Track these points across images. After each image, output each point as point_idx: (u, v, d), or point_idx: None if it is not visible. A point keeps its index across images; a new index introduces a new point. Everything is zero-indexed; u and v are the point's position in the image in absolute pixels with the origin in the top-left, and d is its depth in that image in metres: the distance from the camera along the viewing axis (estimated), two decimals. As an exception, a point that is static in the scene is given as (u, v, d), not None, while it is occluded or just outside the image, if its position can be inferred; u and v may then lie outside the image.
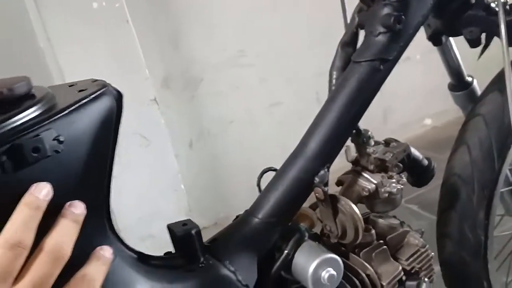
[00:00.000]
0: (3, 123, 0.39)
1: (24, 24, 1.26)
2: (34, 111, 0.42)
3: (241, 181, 1.66)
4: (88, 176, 0.45)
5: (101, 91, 0.46)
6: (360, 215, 0.63)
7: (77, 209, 0.42)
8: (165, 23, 1.52)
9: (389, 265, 0.69)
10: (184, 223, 0.58)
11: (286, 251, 0.63)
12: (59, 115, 0.42)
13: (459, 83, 0.86)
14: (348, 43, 0.68)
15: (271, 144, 1.73)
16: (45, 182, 0.40)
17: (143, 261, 0.55)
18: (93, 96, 0.45)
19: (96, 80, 0.50)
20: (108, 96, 0.47)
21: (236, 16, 1.59)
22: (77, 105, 0.44)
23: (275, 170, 0.67)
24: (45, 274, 0.38)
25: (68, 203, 0.42)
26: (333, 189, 0.66)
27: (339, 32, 1.70)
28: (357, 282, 0.66)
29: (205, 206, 1.69)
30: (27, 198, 0.39)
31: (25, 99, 0.44)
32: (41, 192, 0.39)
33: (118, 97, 0.49)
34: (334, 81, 0.68)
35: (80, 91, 0.47)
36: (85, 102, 0.44)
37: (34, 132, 0.40)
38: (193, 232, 0.56)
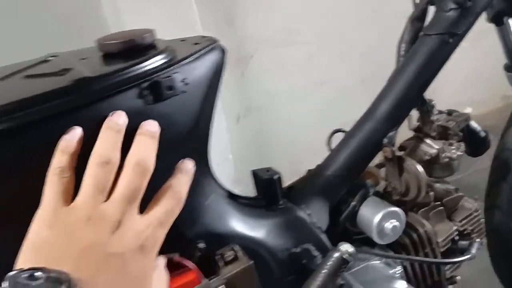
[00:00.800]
0: (143, 63, 0.47)
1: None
2: (164, 57, 0.49)
3: (285, 156, 1.73)
4: (202, 116, 0.53)
5: (213, 45, 0.54)
6: (423, 174, 0.69)
7: (152, 127, 0.45)
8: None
9: (444, 224, 0.75)
10: (267, 169, 0.65)
11: (353, 203, 0.70)
12: (185, 62, 0.50)
13: (516, 64, 0.90)
14: (418, 18, 0.73)
15: (315, 122, 1.79)
16: (121, 111, 0.44)
17: (232, 198, 0.63)
18: (208, 48, 0.53)
19: (205, 37, 0.57)
20: (218, 50, 0.54)
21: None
22: (197, 54, 0.51)
23: (344, 131, 0.73)
24: (134, 186, 0.41)
25: (143, 123, 0.45)
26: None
27: (388, 14, 1.72)
28: (414, 236, 0.72)
29: (249, 178, 1.77)
30: (109, 123, 0.43)
31: (151, 47, 0.51)
32: (120, 119, 0.43)
33: (224, 52, 0.56)
34: (402, 53, 0.74)
35: (194, 44, 0.54)
36: (203, 53, 0.52)
37: (168, 73, 0.47)
38: (275, 177, 0.64)
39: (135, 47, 0.50)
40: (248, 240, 0.61)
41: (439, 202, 0.75)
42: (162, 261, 0.47)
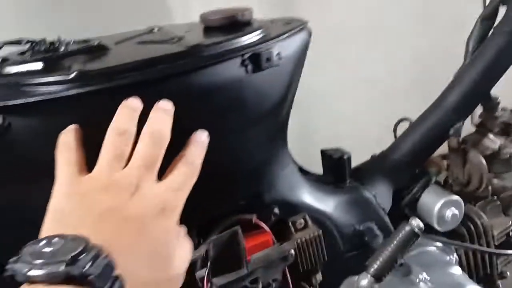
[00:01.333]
0: (246, 36, 0.52)
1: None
2: (261, 32, 0.54)
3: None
4: (289, 91, 0.57)
5: (303, 25, 0.58)
6: (486, 166, 0.71)
7: (167, 105, 0.45)
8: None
9: (500, 218, 0.77)
10: (336, 149, 0.70)
11: (415, 189, 0.73)
12: (280, 38, 0.54)
13: None
14: (488, 17, 0.76)
15: (361, 119, 1.81)
16: (136, 96, 0.44)
17: (304, 173, 0.67)
18: (299, 28, 0.57)
19: (293, 18, 0.62)
20: (306, 30, 0.59)
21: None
22: (291, 32, 0.56)
23: (410, 120, 0.77)
24: (150, 153, 0.42)
25: (158, 103, 0.45)
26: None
27: (441, 17, 1.71)
28: (472, 227, 0.75)
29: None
30: (125, 102, 0.44)
31: (248, 24, 0.57)
32: (135, 100, 0.44)
33: (310, 34, 0.60)
34: (470, 49, 0.77)
35: (285, 24, 0.59)
36: (295, 32, 0.56)
37: (266, 46, 0.52)
38: (345, 156, 0.68)
39: (235, 23, 0.55)
40: (317, 212, 0.65)
41: (495, 197, 0.78)
42: (184, 228, 0.46)
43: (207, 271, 0.56)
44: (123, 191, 0.39)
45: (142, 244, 0.38)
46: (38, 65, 0.48)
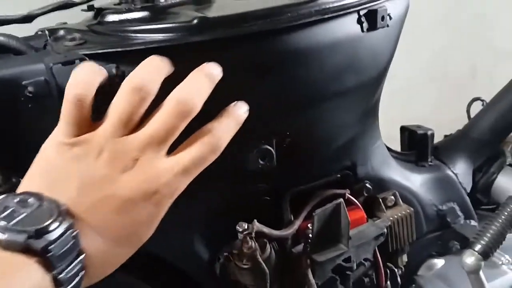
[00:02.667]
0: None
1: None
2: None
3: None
4: (392, 57, 0.54)
5: (405, -12, 0.55)
6: None
7: (215, 69, 0.37)
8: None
9: None
10: (418, 125, 0.67)
11: (491, 170, 0.70)
12: (391, -1, 0.51)
13: None
14: None
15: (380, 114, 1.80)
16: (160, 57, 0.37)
17: (388, 149, 0.64)
18: (404, -9, 0.54)
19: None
20: (406, -5, 0.56)
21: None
22: (398, -5, 0.53)
23: (483, 100, 0.74)
24: (168, 126, 0.35)
25: (205, 63, 0.37)
26: None
27: (461, 15, 1.72)
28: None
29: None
30: (153, 56, 0.36)
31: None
32: (164, 59, 0.37)
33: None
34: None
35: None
36: (401, -6, 0.53)
37: (381, 3, 0.49)
38: (429, 133, 0.65)
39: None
40: (405, 189, 0.62)
41: None
42: None
43: (306, 247, 0.52)
44: (117, 162, 0.34)
45: (120, 223, 0.34)
46: (145, 13, 0.44)
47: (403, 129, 0.67)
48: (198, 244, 0.51)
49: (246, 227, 0.48)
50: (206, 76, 0.36)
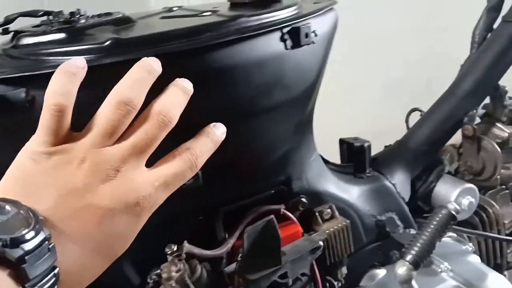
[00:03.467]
0: (285, 10, 0.49)
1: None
2: (296, 8, 0.51)
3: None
4: (321, 72, 0.55)
5: (333, 5, 0.56)
6: (501, 154, 0.71)
7: (188, 84, 0.39)
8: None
9: (509, 207, 0.78)
10: (355, 138, 0.68)
11: (430, 179, 0.72)
12: (315, 14, 0.52)
13: None
14: (494, 8, 0.77)
15: (344, 125, 1.82)
16: (155, 58, 0.38)
17: (326, 162, 0.65)
18: (330, 6, 0.55)
19: (320, -1, 0.59)
20: (335, 10, 0.57)
21: None
22: (324, 10, 0.53)
23: (420, 111, 0.76)
24: (148, 136, 0.36)
25: (178, 79, 0.39)
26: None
27: (426, 24, 1.76)
28: (484, 216, 0.75)
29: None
30: (142, 62, 0.37)
31: (278, 1, 0.53)
32: (155, 63, 0.37)
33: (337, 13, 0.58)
34: (477, 39, 0.77)
35: (314, 3, 0.57)
36: (327, 10, 0.54)
37: (305, 21, 0.50)
38: (366, 145, 0.66)
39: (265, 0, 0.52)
40: (341, 202, 0.62)
41: (504, 186, 0.78)
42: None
43: (238, 266, 0.52)
44: (98, 172, 0.34)
45: (99, 234, 0.34)
46: (61, 35, 0.43)
47: (342, 142, 0.68)
48: (128, 268, 0.50)
49: (175, 248, 0.48)
50: (182, 90, 0.38)
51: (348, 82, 1.79)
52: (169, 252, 0.47)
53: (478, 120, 0.81)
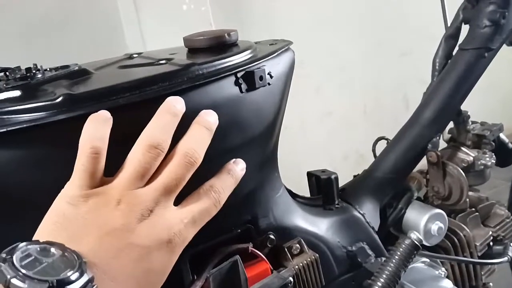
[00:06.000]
0: (238, 55, 0.50)
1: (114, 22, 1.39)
2: (251, 52, 0.53)
3: (290, 184, 1.76)
4: (280, 110, 0.56)
5: (289, 45, 0.58)
6: (466, 178, 0.73)
7: (212, 117, 0.43)
8: (238, 30, 1.65)
9: (480, 229, 0.79)
10: (323, 170, 0.69)
11: (399, 206, 0.73)
12: (270, 57, 0.53)
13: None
14: (452, 36, 0.79)
15: (320, 151, 1.84)
16: (179, 97, 0.41)
17: (294, 196, 0.65)
18: (285, 47, 0.57)
19: (277, 39, 0.61)
20: (291, 50, 0.58)
21: (298, 30, 1.71)
22: (279, 51, 0.55)
23: (387, 139, 0.77)
24: (177, 176, 0.39)
25: (203, 111, 0.42)
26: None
27: (389, 50, 1.82)
28: (455, 239, 0.76)
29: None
30: (167, 105, 0.40)
31: (235, 45, 0.55)
32: (178, 103, 0.41)
33: (294, 53, 0.60)
34: (437, 67, 0.79)
35: (270, 44, 0.58)
36: (283, 51, 0.56)
37: (258, 65, 0.51)
38: (333, 177, 0.67)
39: (222, 44, 0.54)
40: (311, 235, 0.63)
41: (473, 209, 0.79)
42: None
43: (206, 308, 0.52)
44: (134, 213, 0.37)
45: (138, 272, 0.36)
46: (15, 93, 0.43)
47: (310, 175, 0.69)
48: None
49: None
50: (206, 127, 0.42)
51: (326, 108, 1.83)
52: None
53: (445, 144, 0.83)
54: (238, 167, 0.45)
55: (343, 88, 1.85)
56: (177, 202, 0.42)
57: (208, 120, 0.42)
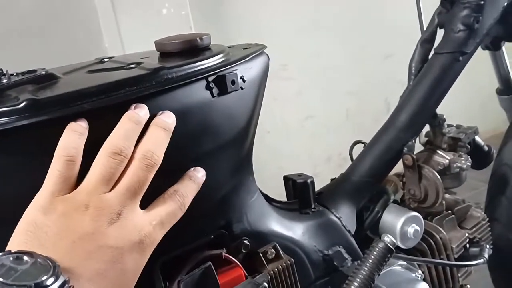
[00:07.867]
0: (210, 59, 0.50)
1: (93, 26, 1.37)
2: (223, 56, 0.52)
3: (273, 187, 1.75)
4: (254, 115, 0.56)
5: (262, 49, 0.58)
6: (441, 181, 0.73)
7: (169, 118, 0.44)
8: (219, 34, 1.64)
9: (456, 232, 0.79)
10: (299, 174, 0.68)
11: (376, 209, 0.73)
12: (243, 61, 0.53)
13: (506, 88, 0.99)
14: (427, 40, 0.80)
15: (302, 154, 1.84)
16: (143, 104, 0.43)
17: (269, 201, 0.65)
18: (259, 51, 0.56)
19: (251, 44, 0.61)
20: (265, 54, 0.58)
21: (281, 33, 1.71)
22: (252, 55, 0.55)
23: (364, 143, 0.78)
24: (139, 179, 0.41)
25: (160, 112, 0.44)
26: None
27: (372, 53, 1.83)
28: (432, 242, 0.76)
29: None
30: (130, 114, 0.42)
31: (208, 49, 0.55)
32: (142, 111, 0.42)
33: (269, 57, 0.59)
34: (413, 71, 0.80)
35: (244, 48, 0.58)
36: (256, 55, 0.55)
37: (230, 69, 0.51)
38: (309, 181, 0.67)
39: (194, 48, 0.53)
40: (286, 240, 0.62)
41: (450, 211, 0.80)
42: None
43: (179, 315, 0.51)
44: (104, 216, 0.38)
45: (113, 273, 0.38)
46: (-21, 98, 0.42)
47: (286, 179, 0.69)
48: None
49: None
50: (162, 129, 0.43)
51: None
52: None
53: (421, 147, 0.84)
54: (199, 174, 0.47)
55: (326, 91, 1.86)
56: (145, 207, 0.43)
57: (165, 120, 0.44)
